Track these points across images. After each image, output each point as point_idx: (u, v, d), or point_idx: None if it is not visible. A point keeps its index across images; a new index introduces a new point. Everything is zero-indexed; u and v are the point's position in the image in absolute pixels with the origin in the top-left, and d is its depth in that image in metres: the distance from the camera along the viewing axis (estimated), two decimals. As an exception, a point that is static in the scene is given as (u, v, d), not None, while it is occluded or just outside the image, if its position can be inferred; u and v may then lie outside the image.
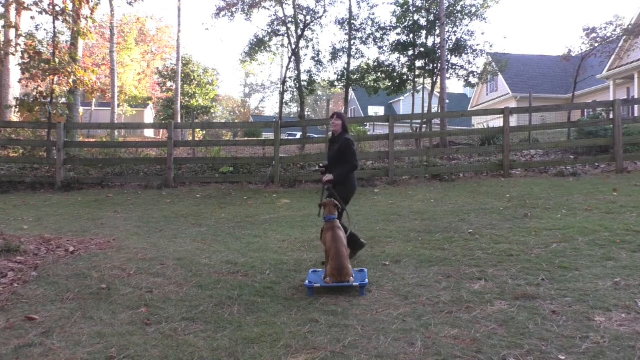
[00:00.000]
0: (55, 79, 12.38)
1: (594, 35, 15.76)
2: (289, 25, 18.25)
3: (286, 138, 20.99)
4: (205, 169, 12.22)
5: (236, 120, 61.30)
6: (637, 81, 21.55)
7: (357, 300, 3.92)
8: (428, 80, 18.15)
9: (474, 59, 17.32)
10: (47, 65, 12.03)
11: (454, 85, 63.73)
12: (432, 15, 16.63)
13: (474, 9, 16.83)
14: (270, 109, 74.34)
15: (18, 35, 12.81)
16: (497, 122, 18.43)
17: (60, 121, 12.37)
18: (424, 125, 16.16)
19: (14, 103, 12.84)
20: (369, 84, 18.30)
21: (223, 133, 33.25)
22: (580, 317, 3.36)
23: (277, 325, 3.46)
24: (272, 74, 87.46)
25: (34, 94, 12.38)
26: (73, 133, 14.78)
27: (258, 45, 18.99)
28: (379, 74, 18.07)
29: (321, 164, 5.17)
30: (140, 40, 36.89)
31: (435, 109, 19.61)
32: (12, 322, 3.58)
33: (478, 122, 27.10)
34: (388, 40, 17.71)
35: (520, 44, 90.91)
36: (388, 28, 17.64)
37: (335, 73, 18.86)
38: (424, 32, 17.05)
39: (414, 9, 17.03)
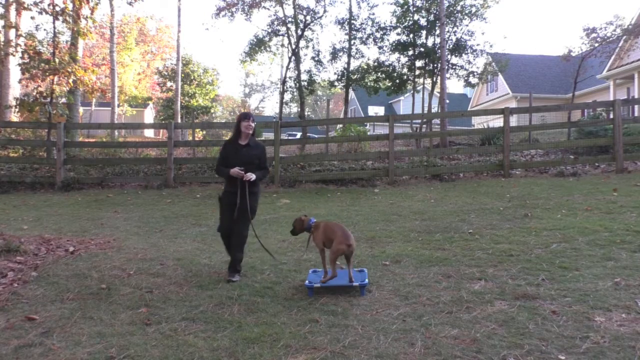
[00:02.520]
0: (55, 79, 12.38)
1: (594, 35, 15.76)
2: (289, 25, 18.26)
3: (286, 138, 20.99)
4: (205, 169, 12.21)
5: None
6: (637, 81, 21.55)
7: (357, 300, 3.92)
8: (428, 80, 18.15)
9: (474, 59, 17.34)
10: (47, 65, 12.04)
11: (454, 85, 63.74)
12: (432, 15, 16.63)
13: (474, 9, 16.83)
14: (270, 109, 74.36)
15: (18, 35, 12.82)
16: (497, 122, 18.43)
17: (60, 121, 12.36)
18: (424, 125, 16.16)
19: (14, 103, 12.84)
20: (369, 84, 18.29)
21: (223, 133, 33.24)
22: (580, 317, 3.36)
23: (277, 325, 3.46)
24: (272, 74, 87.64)
25: (34, 94, 12.38)
26: (73, 133, 14.78)
27: (258, 45, 19.00)
28: (379, 74, 18.06)
29: (238, 168, 4.60)
30: (140, 40, 36.92)
31: (435, 109, 19.61)
32: (12, 322, 3.58)
33: (478, 122, 27.10)
34: (388, 40, 17.72)
35: (520, 44, 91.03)
36: (388, 28, 17.63)
37: (335, 73, 18.87)
38: (424, 32, 17.05)
39: (414, 9, 17.03)
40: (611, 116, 10.82)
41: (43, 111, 12.77)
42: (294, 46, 17.71)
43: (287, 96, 20.47)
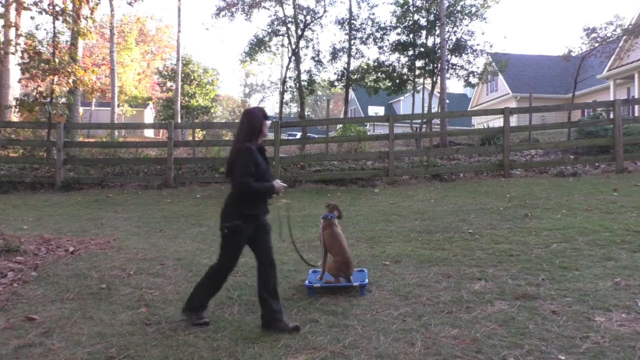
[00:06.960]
0: (55, 79, 12.36)
1: (594, 35, 15.75)
2: (289, 25, 18.24)
3: (286, 138, 20.98)
4: (205, 169, 12.20)
5: (236, 120, 61.21)
6: (637, 81, 21.55)
7: (357, 300, 3.92)
8: (428, 80, 18.13)
9: (474, 59, 17.31)
10: (47, 65, 12.02)
11: (454, 85, 63.61)
12: (432, 15, 16.62)
13: (474, 9, 16.82)
14: (270, 109, 74.05)
15: (18, 35, 12.80)
16: (497, 122, 18.41)
17: (60, 121, 12.35)
18: (424, 125, 16.15)
19: (14, 103, 12.83)
20: (369, 84, 18.29)
21: (223, 133, 33.23)
22: (580, 317, 3.36)
23: (277, 325, 3.46)
24: (272, 74, 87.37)
25: (34, 94, 12.36)
26: (73, 133, 14.77)
27: (258, 45, 18.98)
28: (379, 74, 18.05)
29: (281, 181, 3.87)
30: (140, 40, 36.88)
31: (435, 109, 19.60)
32: (12, 322, 3.58)
33: (478, 122, 27.07)
34: (388, 40, 17.71)
35: (520, 44, 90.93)
36: (388, 28, 17.62)
37: (335, 73, 18.84)
38: (424, 32, 17.04)
39: (414, 9, 17.02)
40: (611, 116, 10.81)
41: (43, 111, 12.76)
42: (294, 46, 17.69)
43: (287, 96, 20.50)
